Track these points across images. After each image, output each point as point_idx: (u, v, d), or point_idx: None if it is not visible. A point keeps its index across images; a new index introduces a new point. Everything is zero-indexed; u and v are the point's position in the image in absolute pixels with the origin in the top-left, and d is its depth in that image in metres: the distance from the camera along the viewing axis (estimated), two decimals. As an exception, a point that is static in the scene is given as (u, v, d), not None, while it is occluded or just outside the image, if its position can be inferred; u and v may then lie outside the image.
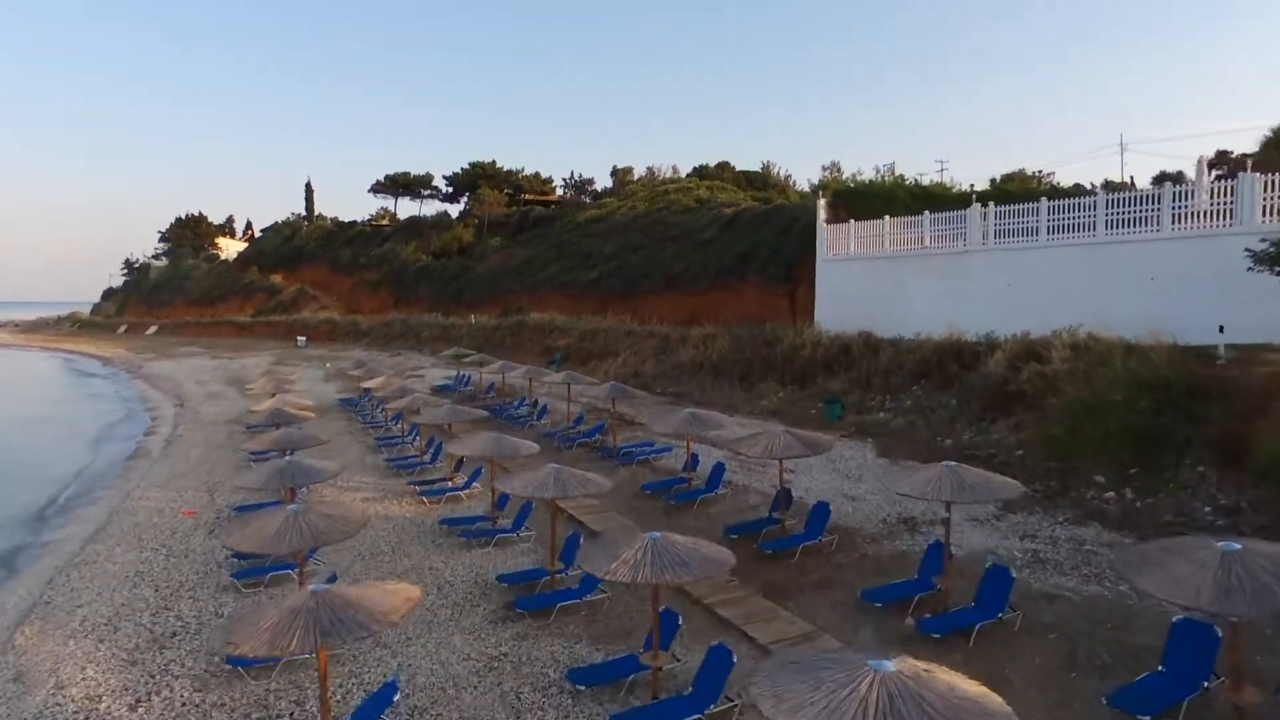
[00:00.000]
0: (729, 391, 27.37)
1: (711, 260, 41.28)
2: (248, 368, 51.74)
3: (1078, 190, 36.29)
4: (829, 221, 31.54)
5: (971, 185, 38.28)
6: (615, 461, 19.13)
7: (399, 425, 24.41)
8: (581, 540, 12.01)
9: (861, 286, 29.31)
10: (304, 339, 63.51)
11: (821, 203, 32.31)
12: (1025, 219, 24.39)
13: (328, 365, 45.87)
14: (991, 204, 25.47)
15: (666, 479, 16.70)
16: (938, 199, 33.63)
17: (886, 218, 28.82)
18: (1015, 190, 35.40)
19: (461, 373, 35.21)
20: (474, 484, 17.21)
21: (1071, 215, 23.27)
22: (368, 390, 26.96)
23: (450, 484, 17.63)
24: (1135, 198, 22.33)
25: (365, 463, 21.15)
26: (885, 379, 22.91)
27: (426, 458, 20.46)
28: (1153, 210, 21.66)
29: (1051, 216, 23.70)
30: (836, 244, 30.74)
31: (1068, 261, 23.14)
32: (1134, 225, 22.01)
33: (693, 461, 16.46)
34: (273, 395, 25.16)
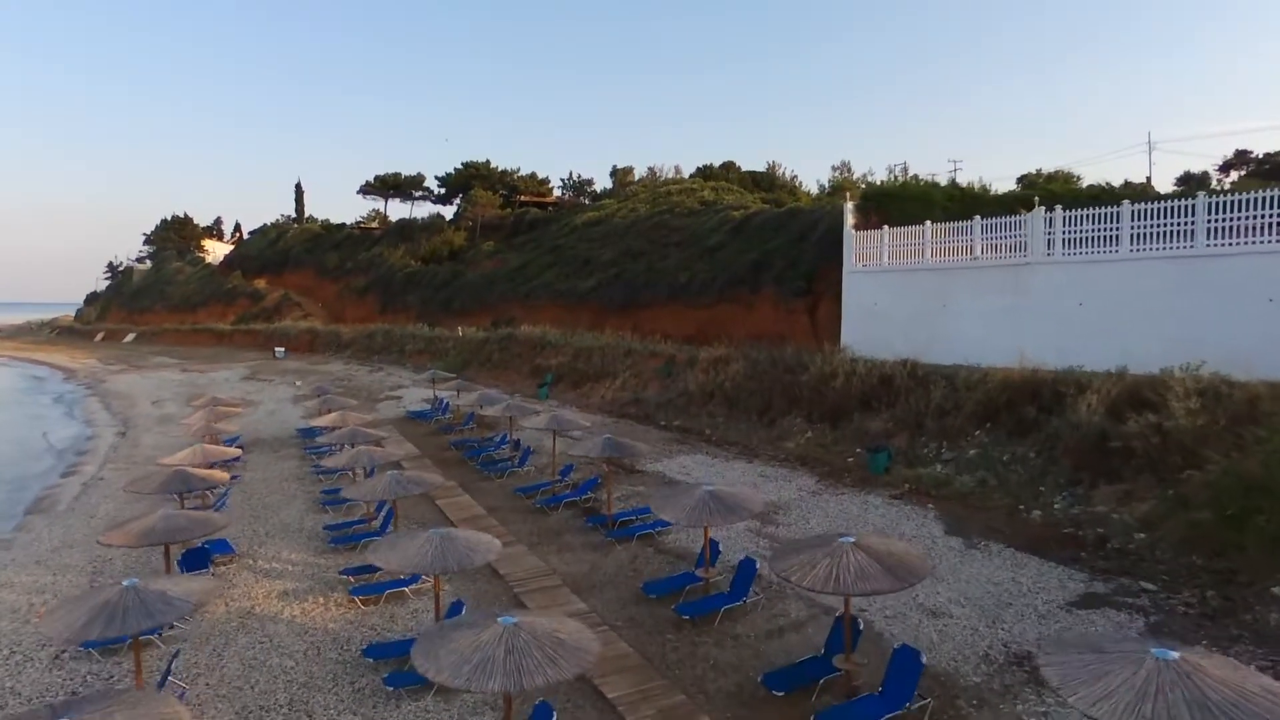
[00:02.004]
0: (746, 428, 23.33)
1: (720, 269, 37.21)
2: (217, 382, 47.83)
3: (1104, 193, 32.36)
4: (857, 227, 27.49)
5: (987, 185, 34.38)
6: (609, 535, 15.06)
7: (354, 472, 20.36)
8: (555, 716, 7.96)
9: (897, 303, 25.27)
10: (283, 350, 59.55)
11: (849, 205, 28.26)
12: (1103, 226, 20.35)
13: (297, 384, 41.82)
14: (1059, 208, 21.41)
15: (676, 576, 12.60)
16: (977, 202, 29.69)
17: (928, 223, 24.76)
18: (1060, 191, 31.49)
19: (440, 397, 31.18)
20: (424, 576, 13.14)
21: (1162, 221, 19.24)
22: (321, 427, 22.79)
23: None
24: (1246, 201, 18.26)
25: (302, 528, 17.09)
26: (939, 421, 18.83)
27: (377, 524, 16.43)
28: (1270, 216, 17.63)
29: (1136, 223, 19.67)
30: (867, 253, 26.67)
31: (1157, 277, 19.07)
32: (1244, 233, 17.99)
33: (712, 551, 12.37)
34: (206, 440, 21.15)
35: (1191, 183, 55.42)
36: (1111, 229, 20.16)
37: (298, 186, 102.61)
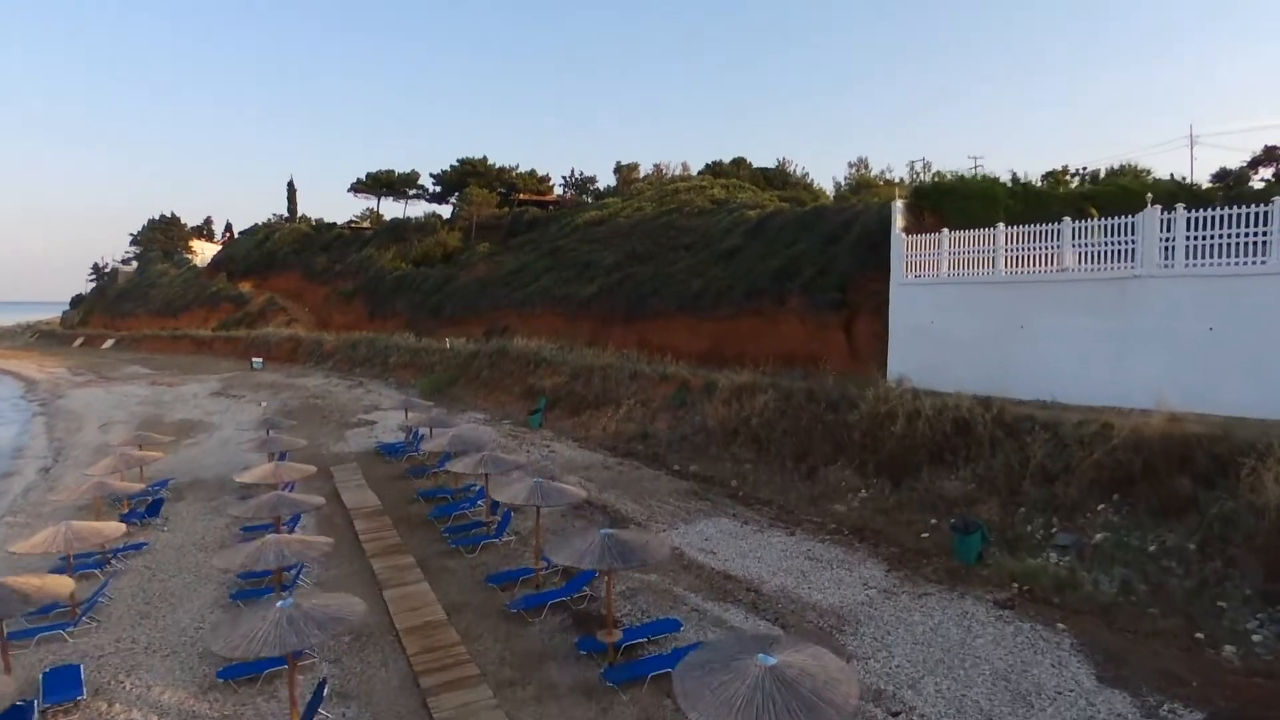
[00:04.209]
0: (781, 480, 18.89)
1: (738, 276, 32.75)
2: (183, 398, 43.63)
3: (1182, 189, 27.89)
4: (908, 230, 23.03)
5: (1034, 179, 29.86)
6: (609, 677, 10.56)
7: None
8: None
9: (960, 323, 20.81)
10: (260, 360, 55.23)
11: (897, 204, 23.78)
12: (1241, 229, 15.90)
13: (262, 404, 37.42)
14: (1181, 206, 16.92)
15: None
16: (1042, 200, 25.22)
17: (1000, 225, 20.32)
18: (1132, 187, 26.99)
19: (415, 428, 26.77)
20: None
21: (1331, 224, 14.80)
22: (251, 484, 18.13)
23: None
24: None
25: (196, 638, 12.66)
26: (1045, 488, 14.33)
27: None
28: None
29: (1292, 225, 15.23)
30: (920, 261, 22.20)
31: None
32: None
33: None
34: (99, 500, 16.72)
35: (1229, 179, 51.20)
36: (1256, 233, 15.73)
37: (290, 185, 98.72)
